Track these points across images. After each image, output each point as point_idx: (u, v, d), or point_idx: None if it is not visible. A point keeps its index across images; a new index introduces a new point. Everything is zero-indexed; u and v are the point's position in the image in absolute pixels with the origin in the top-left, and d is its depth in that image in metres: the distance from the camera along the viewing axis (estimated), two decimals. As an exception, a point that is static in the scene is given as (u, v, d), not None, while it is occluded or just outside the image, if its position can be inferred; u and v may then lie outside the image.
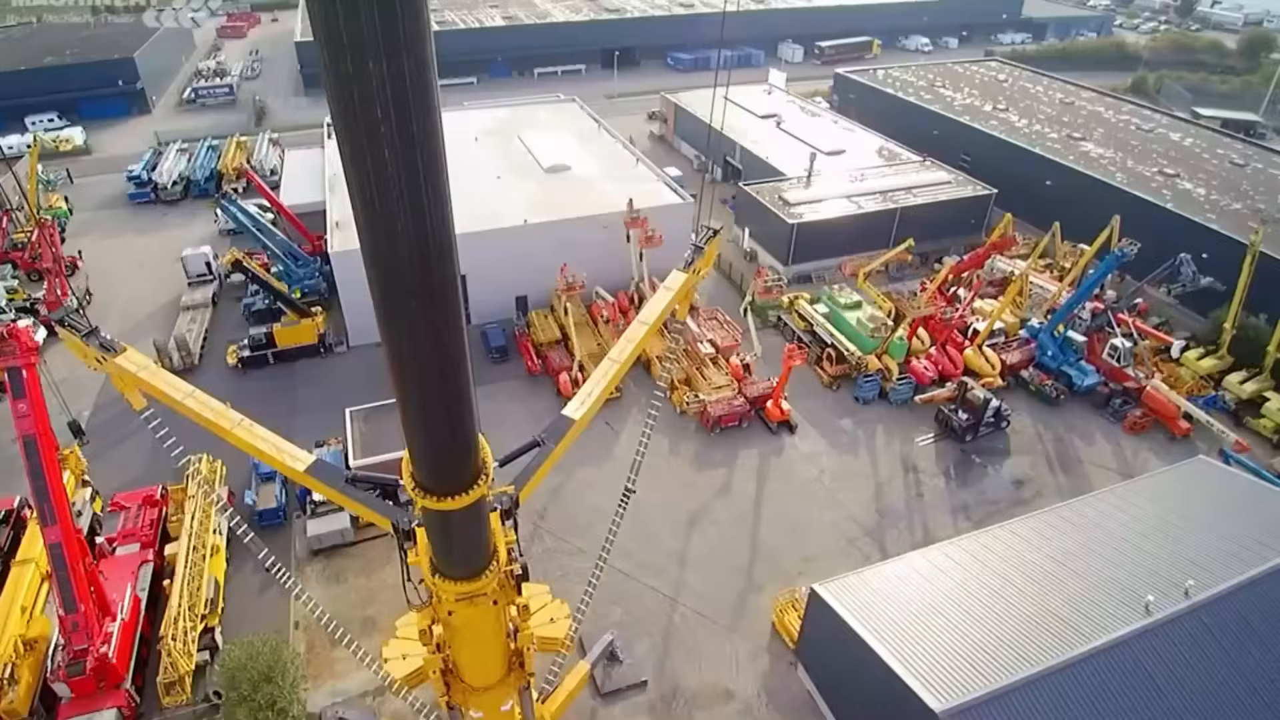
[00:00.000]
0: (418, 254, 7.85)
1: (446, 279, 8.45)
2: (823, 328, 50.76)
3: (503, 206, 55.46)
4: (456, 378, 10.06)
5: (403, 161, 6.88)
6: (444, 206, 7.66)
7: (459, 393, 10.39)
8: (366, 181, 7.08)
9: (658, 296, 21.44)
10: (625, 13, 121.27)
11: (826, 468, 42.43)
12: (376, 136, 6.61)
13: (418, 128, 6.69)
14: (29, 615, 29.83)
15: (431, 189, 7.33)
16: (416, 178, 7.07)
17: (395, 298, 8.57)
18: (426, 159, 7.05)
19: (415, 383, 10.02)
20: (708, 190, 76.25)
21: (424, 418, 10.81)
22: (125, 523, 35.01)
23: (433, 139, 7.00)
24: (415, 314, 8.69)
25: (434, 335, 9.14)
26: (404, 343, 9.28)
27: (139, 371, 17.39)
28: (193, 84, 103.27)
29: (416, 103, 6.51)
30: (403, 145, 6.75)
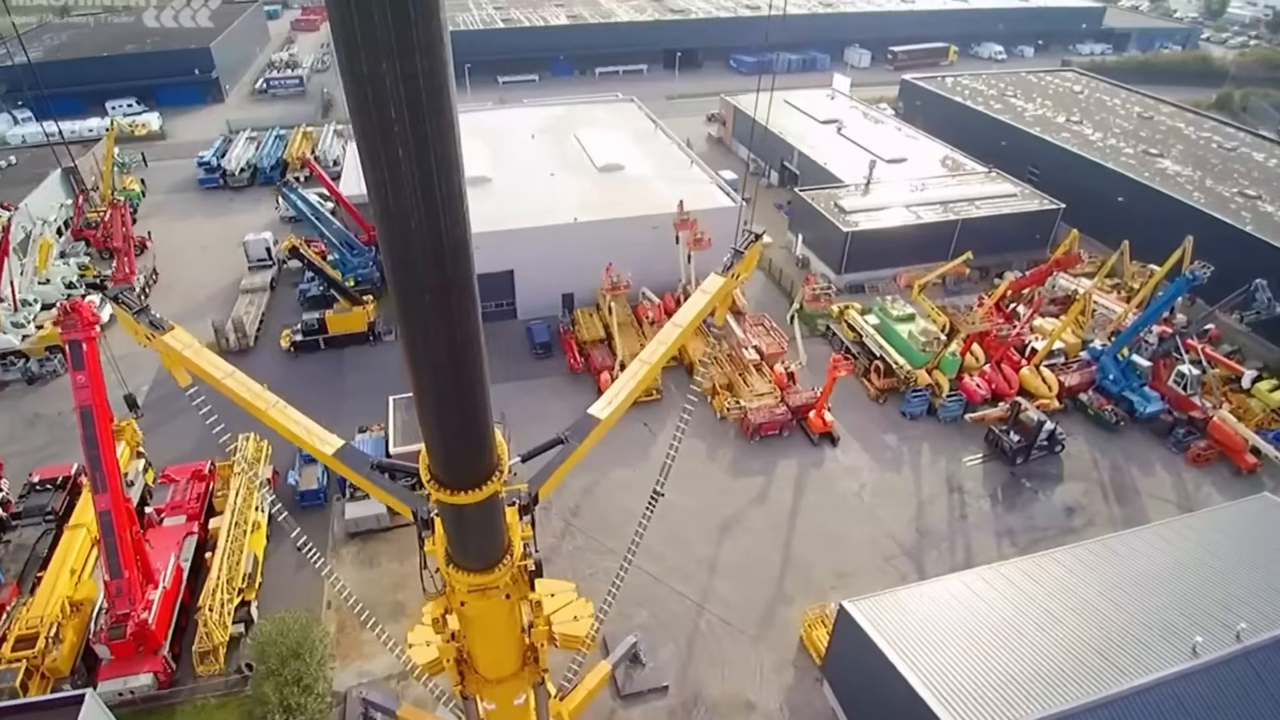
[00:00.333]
0: (431, 251, 7.94)
1: (461, 277, 8.52)
2: (872, 339, 49.85)
3: (554, 204, 56.02)
4: (471, 374, 10.12)
5: (416, 160, 6.99)
6: (458, 205, 7.73)
7: (473, 389, 10.45)
8: (381, 178, 7.20)
9: (694, 300, 21.21)
10: (690, 14, 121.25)
11: (867, 483, 41.62)
12: (390, 135, 6.73)
13: (431, 127, 6.79)
14: (77, 578, 31.47)
15: (445, 188, 7.41)
16: (430, 176, 7.16)
17: (410, 293, 8.69)
18: (440, 158, 7.13)
19: (430, 378, 10.12)
20: (763, 194, 76.00)
21: (438, 412, 10.92)
22: (174, 495, 36.52)
23: (446, 138, 7.08)
24: (429, 310, 8.79)
25: (448, 331, 9.20)
26: (419, 338, 9.38)
27: (184, 350, 18.06)
28: (265, 75, 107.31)
29: (430, 103, 6.61)
30: (416, 144, 6.85)
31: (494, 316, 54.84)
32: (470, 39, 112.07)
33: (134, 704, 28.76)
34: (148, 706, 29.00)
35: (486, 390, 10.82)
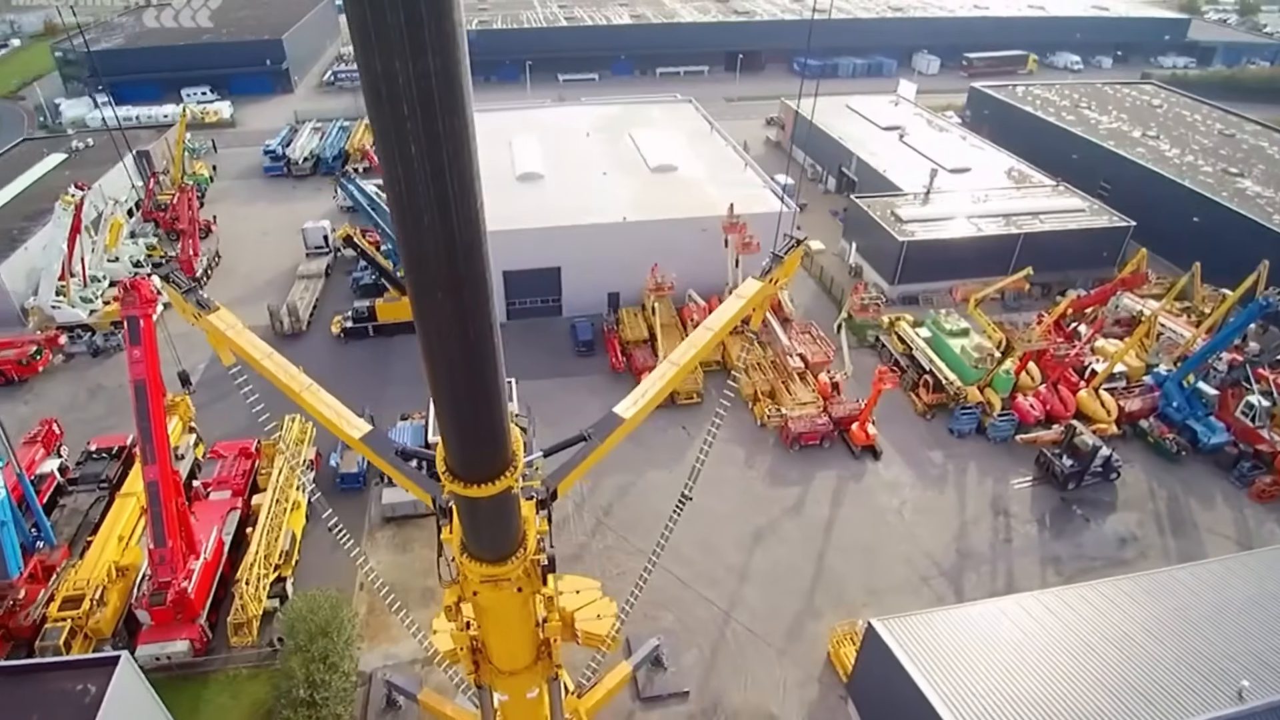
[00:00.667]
0: (444, 247, 8.02)
1: (474, 274, 8.58)
2: (922, 353, 48.80)
3: (605, 202, 56.36)
4: (484, 371, 10.19)
5: (429, 158, 7.07)
6: (471, 204, 7.78)
7: (486, 386, 10.50)
8: (395, 175, 7.29)
9: (729, 304, 21.00)
10: (754, 15, 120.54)
11: (909, 499, 40.73)
12: (403, 132, 6.83)
13: (444, 126, 6.86)
14: (125, 544, 32.94)
15: (458, 186, 7.47)
16: (442, 174, 7.23)
17: (423, 289, 8.78)
18: (453, 156, 7.19)
19: (444, 373, 10.19)
20: (819, 201, 75.20)
21: (451, 407, 11.00)
22: (221, 470, 37.92)
23: (460, 137, 7.13)
24: (442, 305, 8.88)
25: (460, 327, 9.25)
26: (432, 332, 9.46)
27: (227, 330, 18.75)
28: (333, 68, 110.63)
29: (443, 102, 6.67)
30: (428, 142, 6.93)
31: (539, 312, 55.52)
32: (531, 36, 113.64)
33: (170, 670, 29.97)
34: (183, 673, 30.19)
35: (500, 387, 10.86)
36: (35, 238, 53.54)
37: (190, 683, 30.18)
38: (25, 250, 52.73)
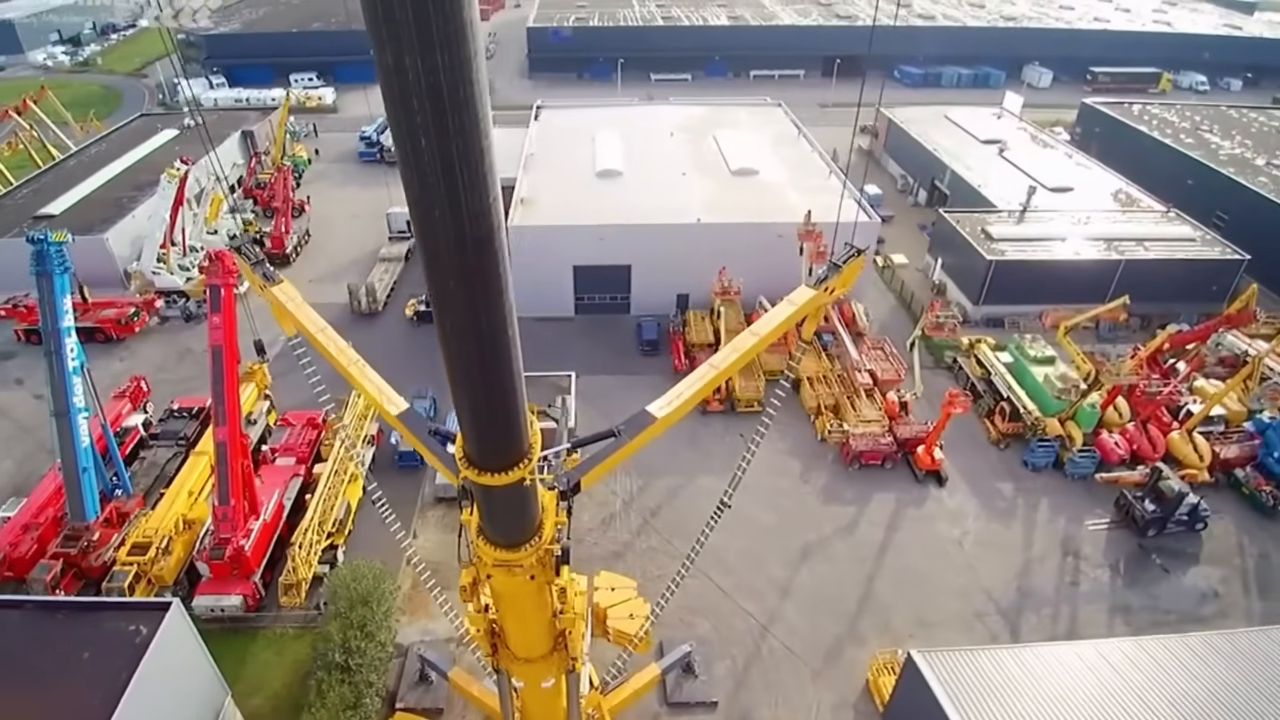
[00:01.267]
0: (454, 238, 8.23)
1: (486, 267, 8.74)
2: (1001, 378, 46.85)
3: (681, 203, 56.46)
4: (496, 362, 10.35)
5: (438, 151, 7.29)
6: (482, 199, 7.93)
7: (499, 377, 10.66)
8: (408, 165, 7.58)
9: (778, 310, 20.57)
10: (856, 20, 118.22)
11: (971, 531, 39.16)
12: (413, 125, 7.08)
13: (453, 121, 7.06)
14: (194, 499, 35.14)
15: (468, 179, 7.65)
16: (452, 168, 7.45)
17: (436, 279, 9.04)
18: (463, 151, 7.38)
19: (457, 363, 10.40)
20: (907, 213, 73.18)
21: (466, 396, 11.21)
22: (288, 438, 39.94)
23: (470, 133, 7.32)
24: (454, 295, 9.12)
25: (472, 318, 9.48)
26: (446, 322, 9.72)
27: (287, 303, 19.81)
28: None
29: (452, 98, 6.88)
30: (438, 136, 7.15)
31: (606, 309, 56.09)
32: (625, 35, 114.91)
33: (223, 622, 31.86)
34: (234, 626, 32.03)
35: (515, 380, 10.97)
36: (142, 207, 57.81)
37: (240, 636, 31.98)
38: (133, 218, 57.01)
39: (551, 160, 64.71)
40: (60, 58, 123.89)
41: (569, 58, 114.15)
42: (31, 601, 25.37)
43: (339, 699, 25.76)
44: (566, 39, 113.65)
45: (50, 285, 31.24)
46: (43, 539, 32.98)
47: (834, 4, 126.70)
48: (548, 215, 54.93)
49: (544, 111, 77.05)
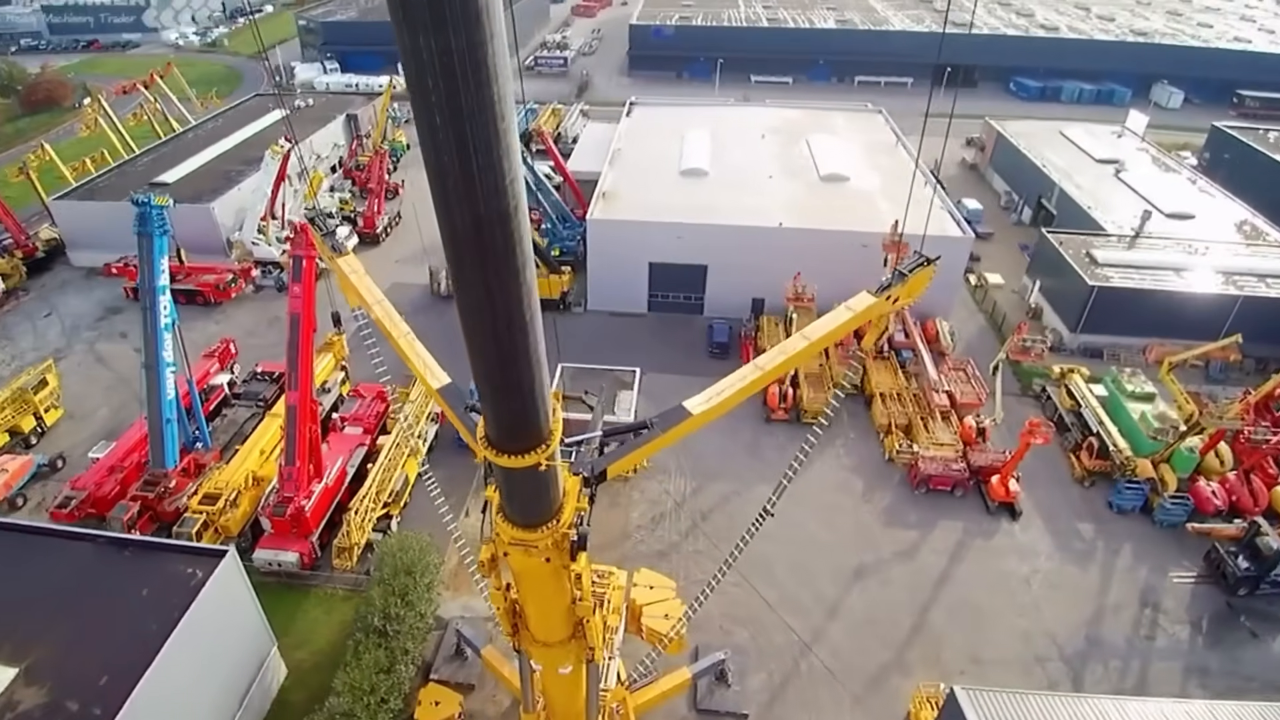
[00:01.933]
0: (470, 216, 8.43)
1: (502, 245, 8.87)
2: (1093, 412, 44.32)
3: (763, 205, 55.96)
4: (513, 347, 10.52)
5: (452, 130, 7.53)
6: (497, 178, 8.08)
7: (513, 357, 10.79)
8: (426, 144, 7.88)
9: (834, 314, 20.05)
10: (972, 28, 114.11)
11: (1042, 570, 37.24)
12: (429, 104, 7.34)
13: (466, 101, 7.27)
14: (264, 458, 37.30)
15: (482, 160, 7.83)
16: (466, 147, 7.65)
17: (454, 255, 9.24)
18: (477, 131, 7.57)
19: (476, 344, 10.63)
20: (1008, 231, 70.22)
21: (484, 378, 11.46)
22: (358, 409, 41.80)
23: (485, 113, 7.50)
24: (470, 273, 9.33)
25: (487, 296, 9.63)
26: (463, 300, 9.98)
27: (350, 274, 20.88)
28: (535, 53, 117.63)
29: (465, 78, 7.09)
30: (451, 115, 7.39)
31: (679, 308, 56.18)
32: (727, 35, 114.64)
33: (279, 576, 33.79)
34: (289, 582, 33.87)
35: (535, 365, 11.10)
36: (248, 180, 61.68)
37: (294, 592, 33.78)
38: (238, 190, 60.95)
39: (638, 156, 65.31)
40: (191, 38, 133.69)
41: (669, 56, 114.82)
42: (105, 537, 27.65)
43: (374, 661, 26.83)
44: (668, 37, 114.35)
45: (149, 245, 33.79)
46: (125, 482, 35.90)
47: (949, 11, 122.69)
48: (627, 210, 55.49)
49: (636, 108, 77.84)
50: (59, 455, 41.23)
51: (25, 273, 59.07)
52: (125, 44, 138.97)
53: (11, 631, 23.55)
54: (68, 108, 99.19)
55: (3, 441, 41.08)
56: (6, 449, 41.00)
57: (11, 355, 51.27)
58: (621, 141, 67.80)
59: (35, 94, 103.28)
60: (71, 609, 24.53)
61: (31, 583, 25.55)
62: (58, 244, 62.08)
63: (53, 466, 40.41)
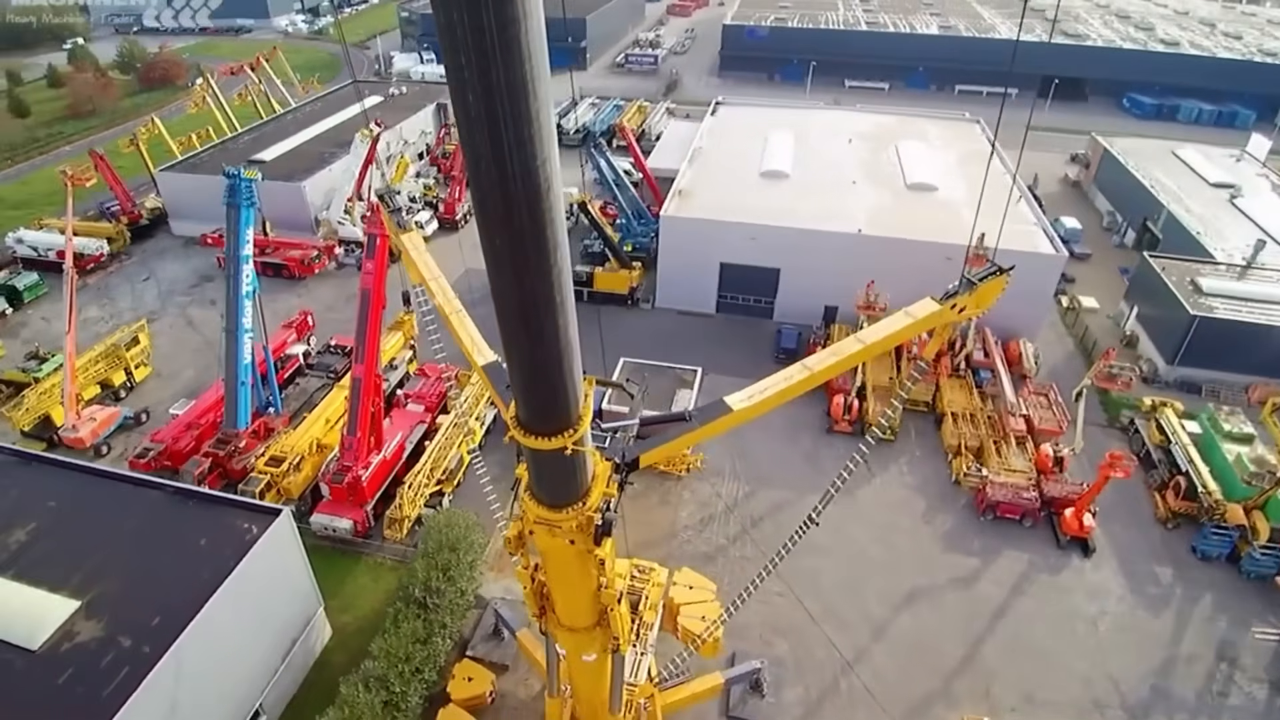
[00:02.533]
0: (500, 192, 8.53)
1: (532, 226, 8.97)
2: (1184, 450, 41.80)
3: (843, 211, 54.98)
4: (541, 324, 10.60)
5: (484, 106, 7.68)
6: (528, 157, 8.16)
7: (542, 339, 10.90)
8: (460, 121, 8.08)
9: (892, 320, 19.40)
10: (1085, 39, 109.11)
11: (1110, 612, 35.33)
12: (462, 80, 7.53)
13: (497, 78, 7.41)
14: (329, 427, 39.00)
15: (514, 137, 7.94)
16: (497, 124, 7.79)
17: (485, 233, 9.40)
18: (509, 109, 7.70)
19: (505, 323, 10.78)
20: (1108, 253, 66.97)
21: (513, 359, 11.61)
22: (421, 387, 43.22)
23: (516, 93, 7.62)
24: (500, 252, 9.42)
25: (516, 277, 9.78)
26: (494, 280, 10.12)
27: (411, 250, 21.64)
28: (627, 51, 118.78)
29: (496, 55, 7.24)
30: (483, 91, 7.55)
31: (748, 311, 55.77)
32: (822, 38, 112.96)
33: (333, 541, 35.31)
34: (341, 548, 35.32)
35: (564, 350, 11.22)
36: (339, 162, 64.60)
37: (345, 558, 35.18)
38: (329, 171, 63.91)
39: (718, 156, 65.14)
40: (299, 25, 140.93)
41: (761, 57, 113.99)
42: (172, 487, 29.47)
43: (411, 631, 27.69)
44: (762, 38, 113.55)
45: (237, 216, 35.78)
46: (199, 438, 38.25)
47: (1061, 20, 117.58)
48: (702, 209, 55.41)
49: (721, 108, 77.60)
50: (143, 410, 44.29)
51: (129, 238, 63.63)
52: (239, 29, 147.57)
53: (80, 567, 25.45)
54: (181, 86, 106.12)
55: (94, 393, 44.36)
56: (97, 400, 44.24)
57: (110, 314, 55.24)
58: (703, 140, 67.76)
59: (153, 72, 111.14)
60: (135, 551, 26.36)
61: (103, 524, 27.58)
62: (161, 213, 66.59)
63: (137, 420, 43.42)
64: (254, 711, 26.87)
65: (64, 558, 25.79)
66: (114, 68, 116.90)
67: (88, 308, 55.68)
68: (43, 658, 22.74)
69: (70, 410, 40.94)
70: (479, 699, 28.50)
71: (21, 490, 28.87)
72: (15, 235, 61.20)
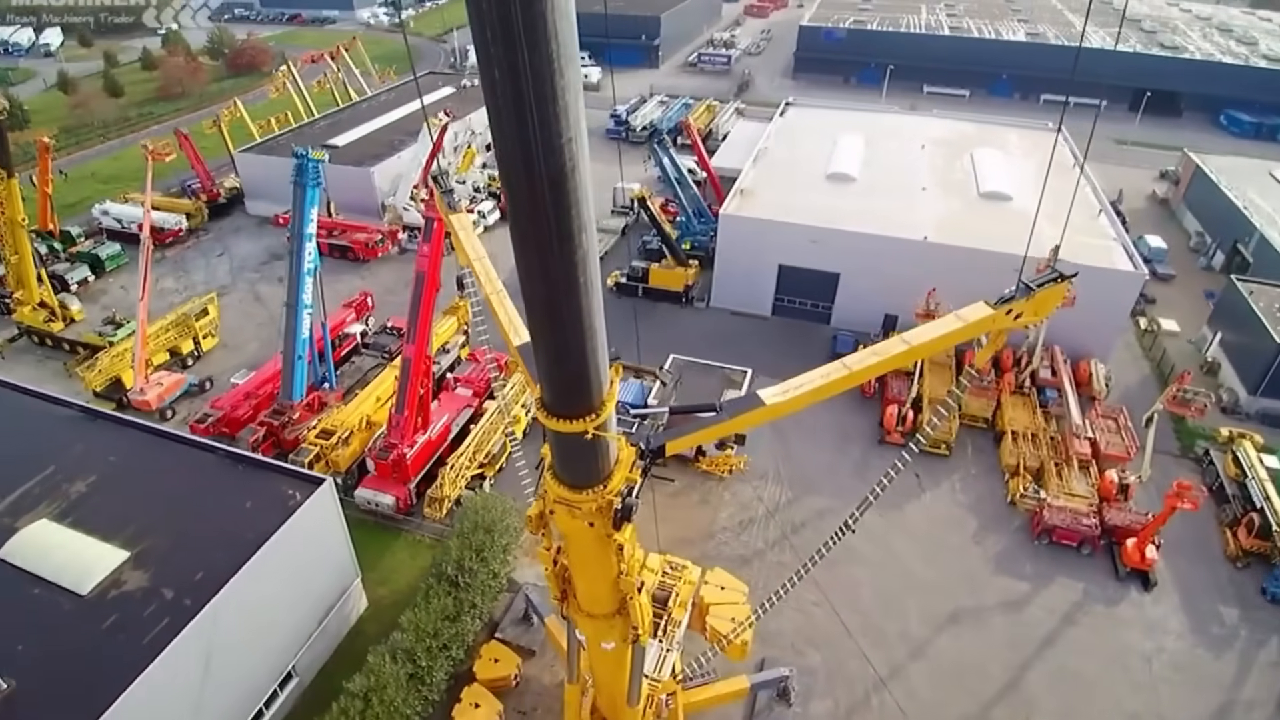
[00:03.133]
0: (523, 170, 8.67)
1: (556, 205, 9.05)
2: (1260, 484, 39.59)
3: (910, 217, 53.74)
4: (564, 307, 10.68)
5: (510, 85, 7.84)
6: (552, 136, 8.27)
7: (565, 322, 10.97)
8: (488, 98, 8.21)
9: (941, 322, 18.85)
10: (1181, 51, 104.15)
11: (1168, 650, 33.66)
12: (489, 58, 7.71)
13: (522, 58, 7.53)
14: (380, 404, 40.15)
15: (537, 117, 8.06)
16: (522, 102, 7.92)
17: (512, 214, 9.60)
18: (535, 89, 7.82)
19: (530, 302, 10.94)
20: (1193, 276, 63.93)
21: (538, 339, 11.68)
22: (471, 372, 44.09)
23: (542, 71, 7.74)
24: (525, 230, 9.62)
25: (540, 256, 9.88)
26: (519, 260, 10.22)
27: (459, 229, 22.15)
28: (700, 50, 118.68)
29: (520, 35, 7.36)
30: (509, 70, 7.70)
31: (804, 315, 55.14)
32: (900, 41, 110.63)
33: (376, 516, 36.44)
34: (383, 524, 36.36)
35: (588, 333, 11.29)
36: (407, 150, 66.48)
37: (386, 533, 36.21)
38: (398, 158, 65.79)
39: (784, 157, 64.52)
40: (381, 18, 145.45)
41: (836, 60, 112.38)
42: (224, 450, 30.83)
43: (440, 608, 28.27)
44: (839, 40, 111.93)
45: (303, 195, 37.14)
46: (257, 408, 39.97)
47: (1157, 32, 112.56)
48: (763, 209, 54.94)
49: (791, 109, 76.81)
50: (208, 378, 46.48)
51: (207, 215, 66.81)
52: (324, 20, 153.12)
53: (133, 520, 26.91)
54: (265, 73, 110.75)
55: (163, 359, 46.66)
56: (165, 366, 46.53)
57: (184, 285, 58.06)
58: (770, 141, 67.20)
59: (240, 58, 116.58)
60: (185, 509, 27.76)
61: (157, 481, 29.19)
62: (238, 193, 69.72)
63: (201, 387, 45.57)
64: (287, 673, 27.88)
65: (119, 510, 27.31)
66: (204, 53, 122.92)
67: (164, 279, 58.63)
68: (91, 602, 24.09)
69: (139, 374, 43.18)
70: (504, 681, 28.89)
71: (86, 445, 30.63)
72: (101, 207, 64.99)
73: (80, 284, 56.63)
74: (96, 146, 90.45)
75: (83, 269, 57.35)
